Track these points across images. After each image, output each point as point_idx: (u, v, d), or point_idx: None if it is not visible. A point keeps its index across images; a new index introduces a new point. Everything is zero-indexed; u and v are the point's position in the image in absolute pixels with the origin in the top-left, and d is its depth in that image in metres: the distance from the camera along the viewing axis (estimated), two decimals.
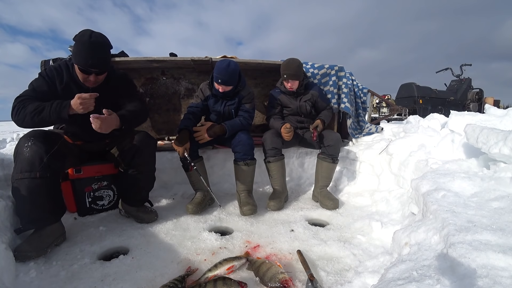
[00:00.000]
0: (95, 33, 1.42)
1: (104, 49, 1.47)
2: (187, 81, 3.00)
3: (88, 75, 1.47)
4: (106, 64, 1.51)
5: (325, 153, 2.10)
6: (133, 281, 1.18)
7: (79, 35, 1.41)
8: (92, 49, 1.40)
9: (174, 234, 1.61)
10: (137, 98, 1.77)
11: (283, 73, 2.11)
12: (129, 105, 1.67)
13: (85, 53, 1.40)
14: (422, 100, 6.64)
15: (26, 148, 1.35)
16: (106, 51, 1.49)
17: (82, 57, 1.41)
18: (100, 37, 1.43)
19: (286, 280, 1.12)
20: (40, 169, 1.34)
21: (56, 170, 1.43)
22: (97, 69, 1.46)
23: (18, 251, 1.25)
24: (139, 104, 1.72)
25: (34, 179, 1.33)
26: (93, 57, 1.42)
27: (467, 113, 2.34)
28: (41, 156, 1.35)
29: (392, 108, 7.04)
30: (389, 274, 0.98)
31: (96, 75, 1.49)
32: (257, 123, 3.15)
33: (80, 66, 1.44)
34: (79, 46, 1.40)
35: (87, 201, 1.85)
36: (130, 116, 1.59)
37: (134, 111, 1.64)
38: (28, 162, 1.33)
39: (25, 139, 1.38)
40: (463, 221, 1.05)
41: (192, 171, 1.91)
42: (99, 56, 1.44)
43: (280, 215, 1.89)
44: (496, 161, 1.46)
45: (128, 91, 1.75)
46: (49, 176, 1.37)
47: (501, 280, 0.72)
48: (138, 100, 1.75)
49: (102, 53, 1.46)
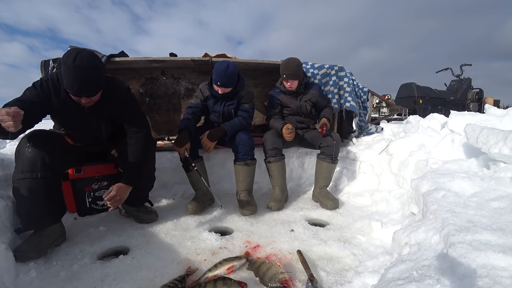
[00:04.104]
0: (80, 55, 1.26)
1: (91, 72, 1.29)
2: (187, 81, 3.00)
3: (79, 98, 1.35)
4: (95, 86, 1.35)
5: (325, 153, 2.10)
6: (133, 281, 1.18)
7: (65, 56, 1.28)
8: (77, 73, 1.26)
9: (174, 234, 1.61)
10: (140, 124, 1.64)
11: (283, 73, 2.11)
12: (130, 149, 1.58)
13: (71, 78, 1.27)
14: (422, 100, 6.63)
15: (28, 148, 1.35)
16: (94, 73, 1.31)
17: (68, 81, 1.28)
18: (86, 59, 1.27)
19: (286, 280, 1.12)
20: (41, 169, 1.34)
21: (57, 170, 1.43)
22: (85, 94, 1.33)
23: (18, 252, 1.25)
24: (142, 137, 1.61)
25: (35, 179, 1.33)
26: (79, 82, 1.27)
27: (467, 113, 2.34)
28: (43, 156, 1.35)
29: (392, 108, 7.04)
30: (389, 274, 0.98)
31: (87, 97, 1.36)
32: (257, 123, 3.15)
33: (68, 91, 1.33)
34: (65, 70, 1.27)
35: (87, 201, 1.85)
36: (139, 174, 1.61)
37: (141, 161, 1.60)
38: (30, 162, 1.33)
39: (27, 139, 1.38)
40: (463, 221, 1.05)
41: (192, 171, 1.91)
42: (85, 81, 1.29)
43: (280, 215, 1.89)
44: (496, 161, 1.46)
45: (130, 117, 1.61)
46: (50, 176, 1.37)
47: (501, 280, 0.72)
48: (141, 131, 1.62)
49: (88, 77, 1.29)
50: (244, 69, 2.72)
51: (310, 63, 2.58)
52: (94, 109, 1.48)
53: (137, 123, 1.63)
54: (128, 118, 1.60)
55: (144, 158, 1.62)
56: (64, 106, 1.42)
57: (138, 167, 1.60)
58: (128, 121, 1.61)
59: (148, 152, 1.68)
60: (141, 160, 1.61)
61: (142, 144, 1.61)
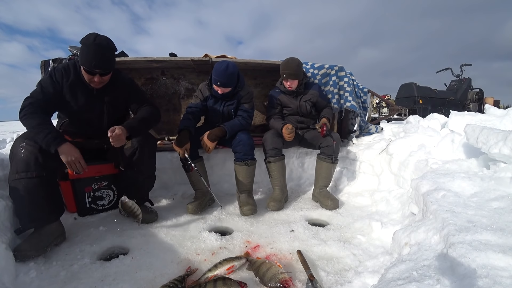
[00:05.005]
0: (100, 36, 1.48)
1: (108, 51, 1.51)
2: (187, 81, 3.01)
3: (93, 76, 1.52)
4: (109, 65, 1.55)
5: (324, 153, 2.10)
6: (133, 281, 1.18)
7: (85, 38, 1.48)
8: (96, 50, 1.46)
9: (174, 234, 1.61)
10: (146, 100, 1.82)
11: (283, 72, 2.11)
12: (140, 112, 1.74)
13: (90, 54, 1.46)
14: (422, 100, 6.63)
15: (21, 148, 1.37)
16: (110, 53, 1.53)
17: (86, 58, 1.46)
18: (104, 40, 1.49)
19: (286, 280, 1.12)
20: (36, 168, 1.35)
21: (52, 169, 1.44)
22: (101, 70, 1.51)
23: (18, 251, 1.25)
24: (150, 108, 1.77)
25: (30, 178, 1.34)
26: (97, 58, 1.47)
27: (467, 113, 2.34)
28: (36, 155, 1.37)
29: (392, 108, 7.04)
30: (389, 274, 0.98)
31: (100, 76, 1.53)
32: (257, 123, 3.15)
33: (84, 67, 1.49)
34: (84, 48, 1.46)
35: (87, 201, 1.85)
36: (139, 125, 1.66)
37: (143, 118, 1.69)
38: (24, 162, 1.34)
39: (20, 140, 1.40)
40: (463, 221, 1.05)
41: (192, 171, 1.91)
42: (102, 58, 1.49)
43: (280, 215, 1.89)
44: (496, 161, 1.46)
45: (137, 96, 1.79)
46: (45, 175, 1.38)
47: (501, 280, 0.72)
48: (148, 104, 1.80)
49: (105, 55, 1.50)
50: (244, 69, 2.72)
51: (310, 63, 2.58)
52: (101, 93, 1.63)
53: (142, 101, 1.80)
54: (134, 98, 1.77)
55: (148, 118, 1.72)
56: (72, 88, 1.57)
57: (142, 121, 1.68)
58: (134, 100, 1.78)
59: (153, 117, 1.76)
60: (145, 118, 1.70)
61: (149, 109, 1.75)
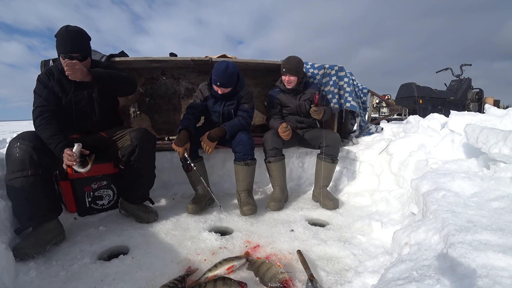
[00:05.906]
0: (71, 26, 1.59)
1: (82, 36, 1.61)
2: (187, 81, 3.00)
3: (71, 60, 1.55)
4: (84, 48, 1.62)
5: (324, 153, 2.11)
6: (133, 281, 1.18)
7: (58, 30, 1.57)
8: (70, 35, 1.56)
9: (174, 234, 1.61)
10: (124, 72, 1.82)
11: (283, 67, 2.12)
12: None
13: (65, 40, 1.55)
14: (422, 100, 6.63)
15: (16, 148, 1.38)
16: (84, 38, 1.63)
17: (63, 45, 1.55)
18: (75, 26, 1.60)
19: (286, 280, 1.12)
20: (31, 167, 1.36)
21: (47, 166, 1.45)
22: (77, 53, 1.57)
23: (16, 249, 1.26)
24: (126, 74, 1.78)
25: (26, 177, 1.35)
26: (72, 42, 1.56)
27: (467, 113, 2.34)
28: (31, 154, 1.38)
29: (392, 108, 7.04)
30: (389, 274, 0.98)
31: (79, 61, 1.57)
32: (257, 123, 3.15)
33: (62, 54, 1.56)
34: (59, 38, 1.56)
35: (87, 201, 1.85)
36: (106, 75, 1.66)
37: (113, 72, 1.71)
38: (19, 161, 1.35)
39: (15, 140, 1.42)
40: (463, 221, 1.05)
41: (192, 171, 1.91)
42: (77, 41, 1.58)
43: (280, 215, 1.89)
44: (496, 161, 1.46)
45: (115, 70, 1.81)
46: (41, 173, 1.39)
47: (501, 280, 0.72)
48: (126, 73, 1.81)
49: (80, 38, 1.60)
50: (244, 69, 2.72)
51: (310, 63, 2.58)
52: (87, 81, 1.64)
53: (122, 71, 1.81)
54: None
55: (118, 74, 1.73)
56: (60, 84, 1.63)
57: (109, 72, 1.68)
58: None
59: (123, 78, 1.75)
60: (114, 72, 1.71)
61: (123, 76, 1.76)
